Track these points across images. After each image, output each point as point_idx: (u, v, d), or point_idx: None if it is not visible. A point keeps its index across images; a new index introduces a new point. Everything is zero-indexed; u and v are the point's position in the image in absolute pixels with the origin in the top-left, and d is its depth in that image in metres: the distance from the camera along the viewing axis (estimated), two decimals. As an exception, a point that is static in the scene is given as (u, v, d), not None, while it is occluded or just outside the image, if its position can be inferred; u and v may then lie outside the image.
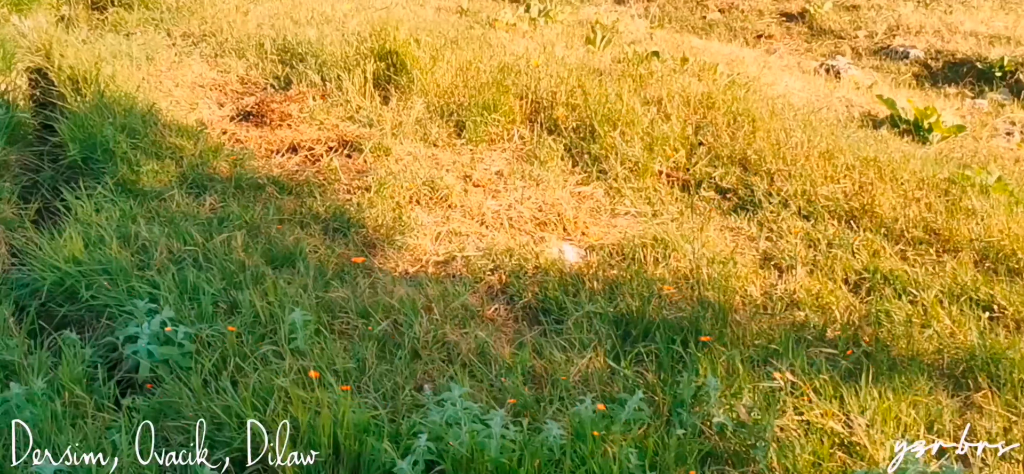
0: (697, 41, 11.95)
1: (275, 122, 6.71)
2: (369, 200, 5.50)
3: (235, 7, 9.24)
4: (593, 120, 6.69)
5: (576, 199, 5.99)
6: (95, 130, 5.38)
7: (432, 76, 7.15)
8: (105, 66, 6.86)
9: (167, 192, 5.14)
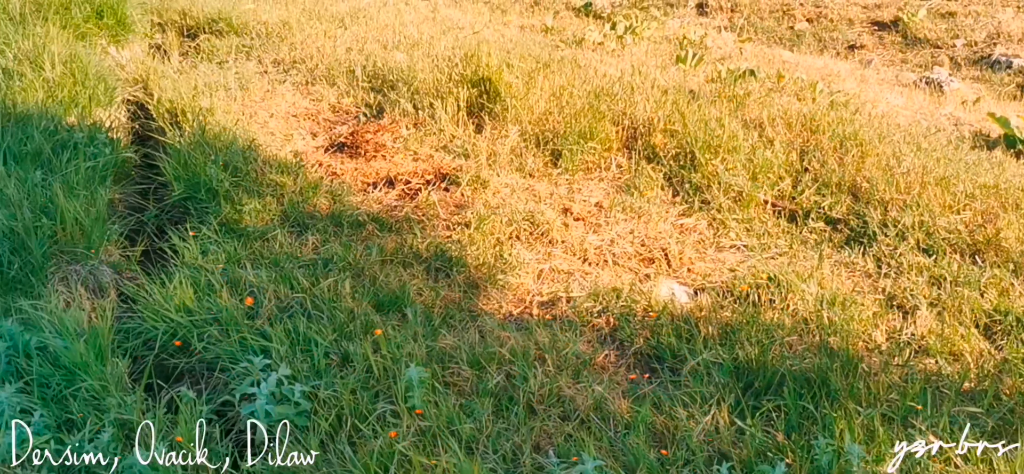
0: (787, 54, 11.62)
1: (369, 153, 6.67)
2: (469, 237, 5.40)
3: (323, 32, 9.27)
4: (693, 147, 6.49)
5: (679, 232, 5.80)
6: (198, 169, 5.38)
7: (525, 102, 7.03)
8: (202, 98, 6.91)
9: (270, 232, 5.11)
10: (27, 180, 4.91)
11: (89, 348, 3.69)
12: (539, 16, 11.68)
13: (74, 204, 4.69)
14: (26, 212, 4.55)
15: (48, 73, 6.52)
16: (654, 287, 5.06)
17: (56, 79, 6.51)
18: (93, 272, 4.62)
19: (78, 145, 5.43)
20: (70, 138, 5.46)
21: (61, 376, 3.54)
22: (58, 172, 5.12)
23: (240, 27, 9.48)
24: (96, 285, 4.63)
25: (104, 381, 3.57)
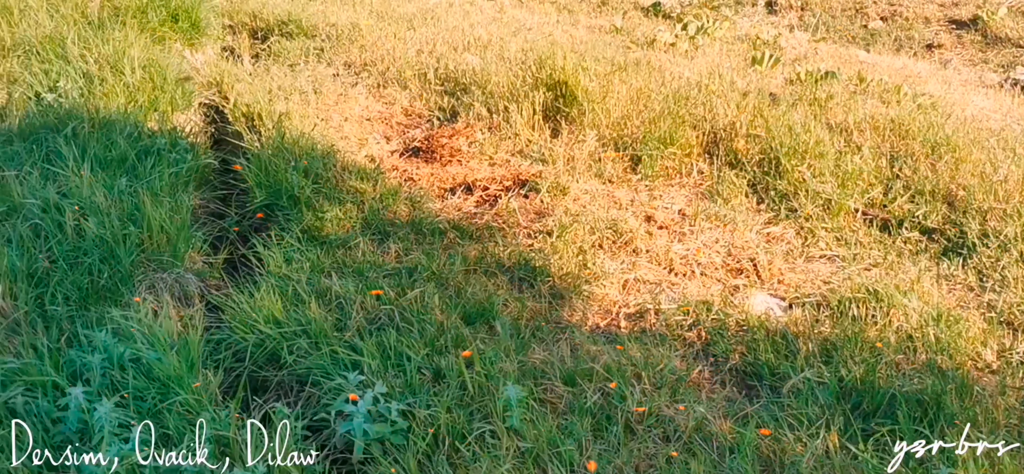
0: (863, 54, 11.30)
1: (445, 158, 6.59)
2: (552, 246, 5.28)
3: (392, 34, 9.22)
4: (778, 152, 6.29)
5: (766, 241, 5.61)
6: (280, 175, 5.34)
7: (603, 106, 6.89)
8: (278, 102, 6.89)
9: (352, 240, 5.05)
10: (113, 187, 4.91)
11: (181, 360, 3.65)
12: (607, 16, 11.52)
13: (160, 212, 4.67)
14: (114, 220, 4.54)
15: (128, 78, 6.55)
16: (746, 299, 4.89)
17: (136, 84, 6.54)
18: (179, 280, 4.60)
19: (160, 151, 5.43)
20: (153, 144, 5.46)
21: (155, 389, 3.50)
22: (142, 179, 5.12)
23: (309, 29, 9.47)
24: (182, 293, 4.61)
25: (198, 395, 3.52)
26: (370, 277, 4.64)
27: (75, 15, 7.64)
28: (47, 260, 4.25)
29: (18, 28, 7.34)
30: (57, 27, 7.32)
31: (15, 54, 6.93)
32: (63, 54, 6.81)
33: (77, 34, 7.06)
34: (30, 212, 4.55)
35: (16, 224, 4.45)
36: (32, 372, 3.44)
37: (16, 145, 5.38)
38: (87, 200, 4.65)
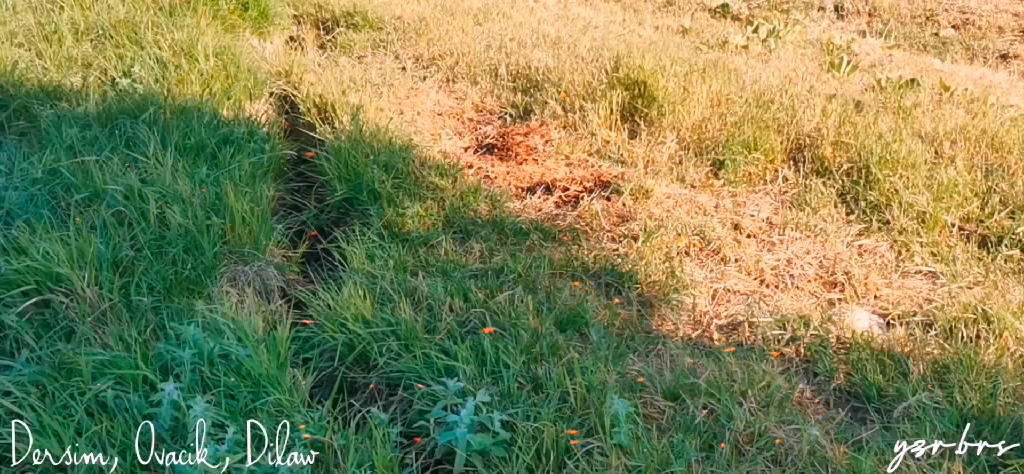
0: (937, 63, 10.95)
1: (520, 156, 6.43)
2: (637, 251, 5.09)
3: (460, 28, 9.08)
4: (868, 161, 6.04)
5: (859, 254, 5.38)
6: (361, 170, 5.21)
7: (682, 108, 6.68)
8: (350, 94, 6.78)
9: (434, 237, 4.90)
10: (194, 176, 4.81)
11: (271, 358, 3.52)
12: (674, 16, 11.29)
13: (242, 203, 4.56)
14: (198, 209, 4.44)
15: (202, 65, 6.47)
16: (845, 315, 4.67)
17: (209, 71, 6.45)
18: (260, 273, 4.48)
19: (239, 141, 5.33)
20: (231, 133, 5.37)
21: (246, 387, 3.37)
22: (222, 168, 5.01)
23: (375, 21, 9.37)
24: (262, 286, 4.49)
25: (290, 395, 3.39)
26: (456, 278, 4.49)
27: (147, 0, 7.59)
28: (131, 248, 4.15)
29: (91, 12, 7.30)
30: (129, 12, 7.27)
31: (87, 37, 6.88)
32: (136, 39, 6.75)
33: (150, 20, 7.00)
34: (113, 198, 4.46)
35: (99, 210, 4.36)
36: (122, 365, 3.33)
37: (94, 130, 5.30)
38: (169, 188, 4.55)
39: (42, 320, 3.70)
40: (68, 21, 7.07)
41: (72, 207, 4.38)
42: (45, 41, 6.63)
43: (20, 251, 3.86)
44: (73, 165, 4.73)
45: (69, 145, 5.05)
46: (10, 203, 4.41)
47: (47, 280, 3.75)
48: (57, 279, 3.77)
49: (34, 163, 4.76)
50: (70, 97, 5.92)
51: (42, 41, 6.61)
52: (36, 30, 6.80)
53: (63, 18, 7.08)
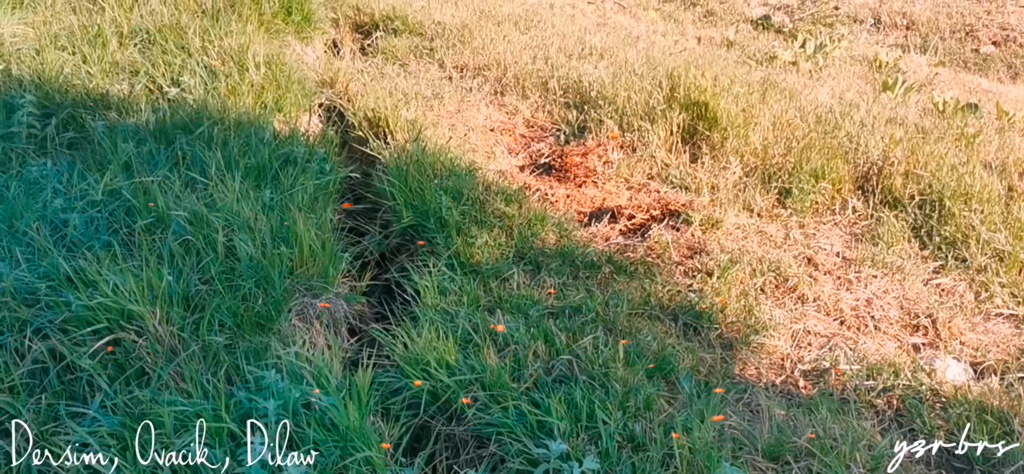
0: (985, 83, 10.73)
1: (578, 177, 6.23)
2: (713, 288, 4.90)
3: (503, 37, 8.88)
4: (941, 194, 5.84)
5: (938, 293, 5.18)
6: (427, 196, 5.01)
7: (746, 131, 6.48)
8: (404, 108, 6.58)
9: (505, 270, 4.71)
10: (259, 199, 4.61)
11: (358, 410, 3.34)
12: (715, 27, 11.07)
13: (310, 231, 4.36)
14: (266, 238, 4.24)
15: (252, 75, 6.27)
16: (936, 364, 4.48)
17: (260, 82, 6.25)
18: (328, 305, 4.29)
19: (299, 160, 5.13)
20: (292, 152, 5.17)
21: (333, 442, 3.19)
22: (286, 191, 4.82)
23: (416, 26, 9.17)
24: (330, 320, 4.31)
25: (379, 450, 3.20)
26: (534, 317, 4.30)
27: (190, 3, 7.39)
28: (200, 281, 3.96)
29: (132, 13, 7.10)
30: (173, 15, 7.07)
31: (132, 42, 6.68)
32: (183, 45, 6.55)
33: (197, 25, 6.80)
34: (178, 225, 4.27)
35: (165, 238, 4.16)
36: (206, 416, 3.14)
37: (149, 145, 5.11)
38: (235, 214, 4.36)
39: (113, 360, 3.51)
40: (111, 22, 6.87)
41: (137, 234, 4.19)
42: (89, 45, 6.43)
43: (89, 284, 3.67)
44: (134, 186, 4.53)
45: (125, 162, 4.86)
46: (71, 227, 4.21)
47: (119, 318, 3.56)
48: (128, 316, 3.58)
49: (92, 183, 4.56)
50: (119, 106, 5.72)
51: (86, 45, 6.42)
52: (79, 32, 6.60)
53: (106, 20, 6.88)
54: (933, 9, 13.90)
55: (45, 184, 4.66)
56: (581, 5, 11.60)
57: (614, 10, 11.50)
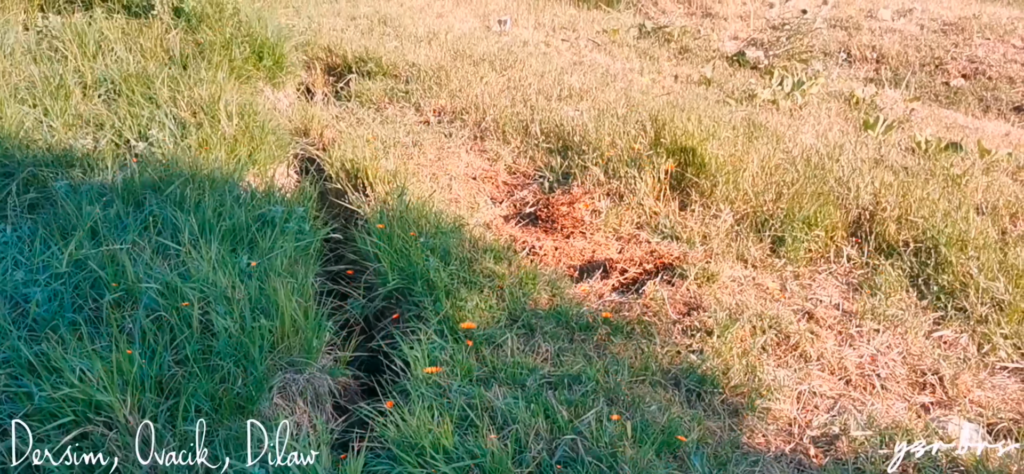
0: (961, 118, 10.73)
1: (566, 228, 6.03)
2: (713, 348, 4.70)
3: (479, 78, 8.69)
4: (937, 240, 5.71)
5: (940, 347, 5.02)
6: (414, 256, 4.76)
7: (734, 178, 6.32)
8: (381, 157, 6.34)
9: (498, 336, 4.47)
10: (235, 266, 4.34)
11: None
12: (691, 64, 10.97)
13: (291, 301, 4.10)
14: (245, 310, 3.97)
15: (224, 127, 6.00)
16: (948, 426, 4.30)
17: (233, 134, 5.99)
18: (311, 381, 4.03)
19: (277, 220, 4.87)
20: (269, 213, 4.90)
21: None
22: (263, 255, 4.55)
23: (389, 67, 8.96)
24: (314, 395, 4.04)
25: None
26: (530, 387, 4.06)
27: (157, 50, 7.11)
28: (174, 360, 3.68)
29: (97, 62, 6.81)
30: (141, 64, 6.79)
31: (97, 93, 6.39)
32: (151, 96, 6.27)
33: (165, 74, 6.52)
34: (149, 298, 3.98)
35: (135, 314, 3.88)
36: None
37: (116, 206, 4.82)
38: (211, 284, 4.08)
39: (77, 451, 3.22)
40: (73, 72, 6.58)
41: (105, 308, 3.90)
42: (51, 97, 6.12)
43: (53, 371, 3.38)
44: (100, 255, 4.24)
45: (91, 227, 4.56)
46: (34, 303, 3.91)
47: (86, 409, 3.27)
48: (97, 407, 3.29)
49: (56, 253, 4.26)
50: (84, 163, 5.43)
51: (48, 97, 6.11)
52: (40, 83, 6.29)
53: (68, 69, 6.58)
54: (902, 43, 13.96)
55: (4, 253, 4.35)
56: (555, 43, 11.46)
57: (589, 48, 11.37)
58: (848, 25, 14.65)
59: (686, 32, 12.04)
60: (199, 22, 7.74)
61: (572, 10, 13.77)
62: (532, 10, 13.24)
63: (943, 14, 15.43)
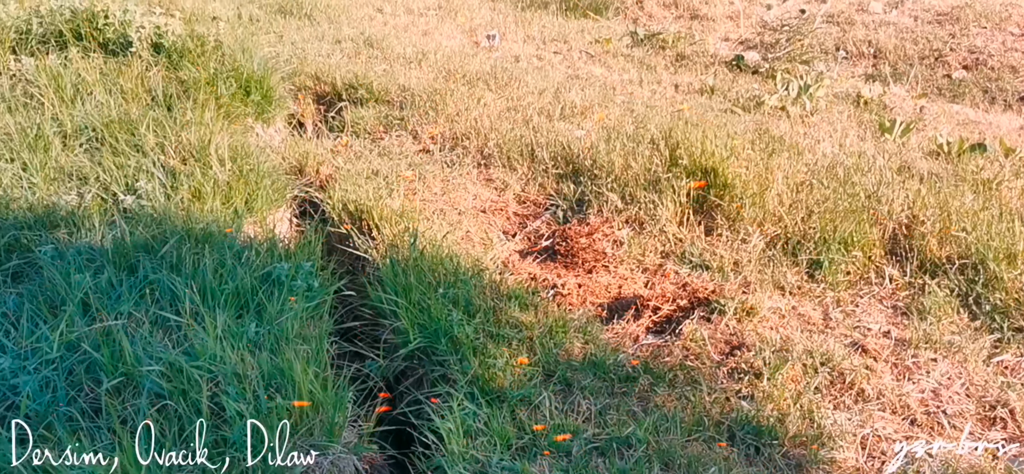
0: (970, 112, 10.43)
1: (588, 263, 5.65)
2: (764, 393, 4.33)
3: (477, 99, 8.30)
4: (984, 255, 5.37)
5: (1002, 374, 4.68)
6: (435, 312, 4.36)
7: (761, 198, 5.96)
8: (385, 194, 5.94)
9: (533, 395, 4.09)
10: (242, 336, 3.93)
11: None
12: (690, 72, 10.63)
13: (307, 374, 3.70)
14: (258, 390, 3.57)
15: (217, 173, 5.59)
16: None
17: (226, 179, 5.57)
18: (336, 463, 3.63)
19: (283, 279, 4.46)
20: (274, 270, 4.49)
21: None
22: (271, 321, 4.14)
23: (381, 93, 8.55)
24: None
25: None
26: (576, 454, 3.68)
27: (139, 92, 6.69)
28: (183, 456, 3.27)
29: (76, 108, 6.38)
30: (123, 107, 6.36)
31: (78, 142, 5.97)
32: (137, 144, 5.85)
33: (150, 118, 6.10)
34: (152, 382, 3.57)
35: (138, 402, 3.47)
36: None
37: (107, 272, 4.40)
38: (218, 360, 3.68)
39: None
40: (52, 121, 6.14)
41: (102, 397, 3.49)
42: (29, 150, 5.69)
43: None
44: (94, 334, 3.82)
45: (82, 299, 4.14)
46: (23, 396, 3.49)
47: (90, 527, 2.87)
48: (102, 523, 2.89)
49: (45, 333, 3.84)
50: (69, 222, 5.01)
51: (26, 150, 5.68)
52: (17, 135, 5.86)
53: (46, 118, 6.15)
54: (898, 36, 13.68)
55: (-12, 336, 3.93)
56: (548, 56, 11.10)
57: (582, 60, 11.01)
58: (841, 20, 14.36)
59: (680, 38, 11.70)
60: (181, 58, 7.32)
61: (560, 21, 13.40)
62: (520, 23, 12.87)
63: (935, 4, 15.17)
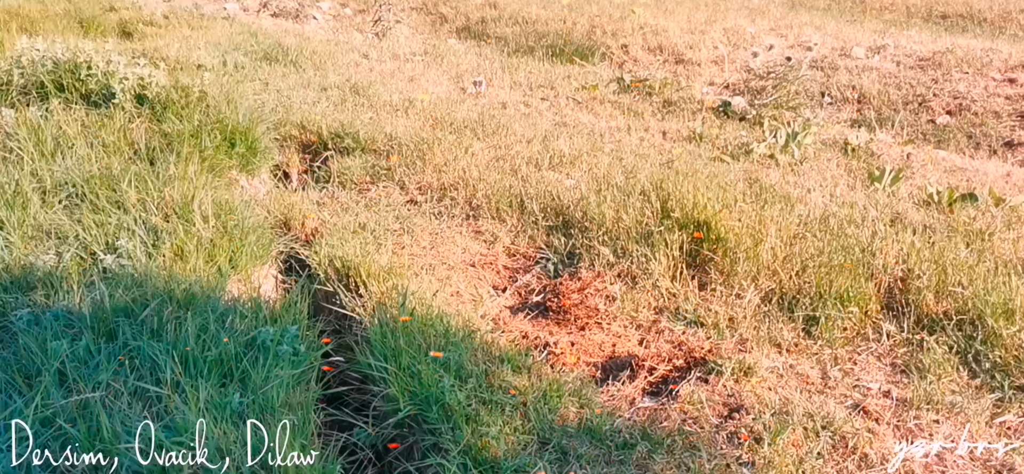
0: (956, 158, 10.43)
1: (580, 319, 5.54)
2: (765, 459, 4.21)
3: (464, 149, 8.22)
4: (982, 311, 5.30)
5: (1005, 436, 4.58)
6: (426, 379, 4.22)
7: (755, 251, 5.88)
8: (373, 250, 5.82)
9: (529, 465, 3.95)
10: (226, 407, 3.78)
11: None
12: (677, 118, 10.60)
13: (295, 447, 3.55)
14: (244, 468, 3.41)
15: (200, 230, 5.45)
16: (1040, 540, 3.85)
17: (210, 237, 5.44)
18: (326, 544, 3.47)
19: (268, 344, 4.32)
20: (259, 335, 4.35)
21: None
22: (256, 391, 3.99)
23: (367, 142, 8.46)
24: (328, 560, 3.48)
25: None
26: (575, 533, 3.54)
27: (121, 145, 6.56)
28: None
29: (55, 163, 6.24)
30: (104, 161, 6.22)
31: (57, 199, 5.82)
32: (118, 201, 5.71)
33: (131, 173, 5.96)
34: (131, 460, 3.41)
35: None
36: None
37: (85, 338, 4.25)
38: (201, 434, 3.52)
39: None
40: (30, 176, 6.00)
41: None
42: (7, 206, 5.54)
43: None
44: (70, 408, 3.66)
45: (58, 369, 3.98)
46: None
47: None
48: None
49: (20, 407, 3.68)
50: (46, 283, 4.85)
51: (4, 206, 5.53)
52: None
53: (24, 173, 6.00)
54: (881, 81, 13.76)
55: (-41, 410, 3.76)
56: (534, 103, 11.05)
57: (569, 106, 10.96)
58: (824, 65, 14.45)
59: (667, 84, 11.69)
60: (164, 110, 7.20)
61: (546, 66, 13.39)
62: (506, 69, 12.84)
63: (916, 49, 15.31)
